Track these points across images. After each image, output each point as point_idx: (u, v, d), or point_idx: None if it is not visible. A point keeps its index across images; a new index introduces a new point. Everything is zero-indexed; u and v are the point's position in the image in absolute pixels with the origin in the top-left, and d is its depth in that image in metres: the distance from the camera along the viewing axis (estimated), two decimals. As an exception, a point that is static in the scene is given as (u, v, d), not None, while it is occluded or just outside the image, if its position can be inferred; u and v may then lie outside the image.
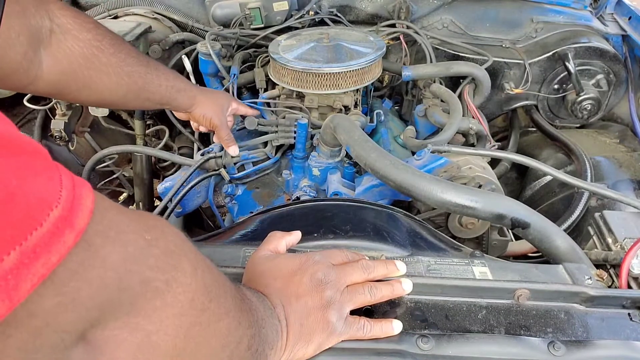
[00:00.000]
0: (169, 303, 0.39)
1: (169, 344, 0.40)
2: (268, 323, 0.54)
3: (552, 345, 0.59)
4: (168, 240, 0.41)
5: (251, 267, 0.64)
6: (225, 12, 1.44)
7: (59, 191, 0.30)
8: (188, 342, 0.42)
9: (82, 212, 0.31)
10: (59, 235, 0.29)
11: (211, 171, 1.21)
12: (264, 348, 0.52)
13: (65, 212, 0.30)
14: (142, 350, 0.38)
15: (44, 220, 0.28)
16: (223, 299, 0.47)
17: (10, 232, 0.27)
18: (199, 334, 0.43)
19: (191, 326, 0.42)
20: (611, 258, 0.80)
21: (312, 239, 0.74)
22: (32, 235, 0.28)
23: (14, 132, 0.29)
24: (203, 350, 0.44)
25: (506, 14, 1.53)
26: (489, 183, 1.02)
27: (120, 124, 1.56)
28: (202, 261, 0.46)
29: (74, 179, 0.32)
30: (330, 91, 1.19)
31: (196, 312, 0.43)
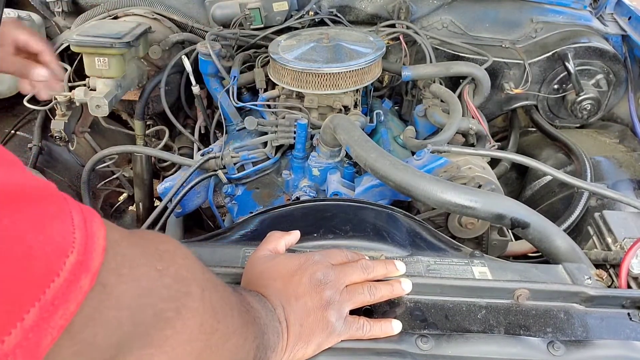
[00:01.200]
0: (179, 331, 0.39)
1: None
2: (270, 327, 0.54)
3: (551, 345, 0.59)
4: (179, 266, 0.41)
5: (250, 267, 0.64)
6: (225, 13, 1.44)
7: (72, 234, 0.29)
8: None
9: (95, 251, 0.30)
10: (75, 282, 0.28)
11: (211, 171, 1.22)
12: (265, 352, 0.52)
13: (81, 256, 0.29)
14: None
15: (61, 269, 0.28)
16: (230, 318, 0.47)
17: (29, 289, 0.26)
18: (211, 356, 0.43)
19: (202, 351, 0.42)
20: (611, 258, 0.80)
21: (311, 239, 0.74)
22: (50, 288, 0.27)
23: (26, 179, 0.28)
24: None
25: (506, 14, 1.52)
26: (488, 183, 1.02)
27: (120, 124, 1.57)
28: (209, 281, 0.45)
29: (84, 212, 0.31)
30: (330, 91, 1.19)
31: (205, 336, 0.42)
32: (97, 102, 1.17)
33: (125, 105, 1.49)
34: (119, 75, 1.22)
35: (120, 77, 1.23)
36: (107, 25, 1.28)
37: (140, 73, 1.34)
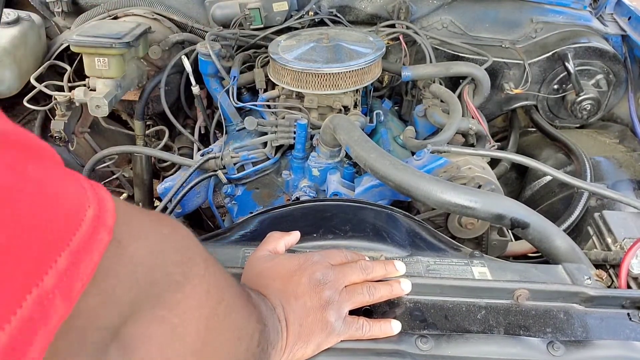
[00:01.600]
0: (188, 295, 0.40)
1: (193, 336, 0.41)
2: (270, 322, 0.54)
3: (551, 346, 0.59)
4: (182, 235, 0.42)
5: (250, 267, 0.64)
6: (225, 13, 1.44)
7: (85, 191, 0.31)
8: (209, 333, 0.43)
9: (108, 210, 0.32)
10: (96, 234, 0.30)
11: (211, 171, 1.22)
12: (267, 346, 0.52)
13: (97, 211, 0.30)
14: (170, 343, 0.39)
15: (82, 220, 0.29)
16: (233, 293, 0.48)
17: (59, 234, 0.27)
18: (218, 325, 0.44)
19: (210, 317, 0.43)
20: (611, 258, 0.80)
21: (311, 239, 0.74)
22: (75, 236, 0.28)
23: (34, 137, 0.29)
24: (223, 342, 0.45)
25: (506, 14, 1.52)
26: (488, 183, 1.02)
27: (120, 124, 1.57)
28: (209, 256, 0.47)
29: (93, 183, 0.33)
30: (329, 91, 1.19)
31: (213, 303, 0.43)
32: (97, 103, 1.17)
33: (125, 106, 1.49)
34: (118, 76, 1.22)
35: (120, 78, 1.23)
36: (107, 26, 1.28)
37: (140, 73, 1.34)
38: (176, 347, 0.39)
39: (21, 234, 0.25)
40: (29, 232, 0.25)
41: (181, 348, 0.40)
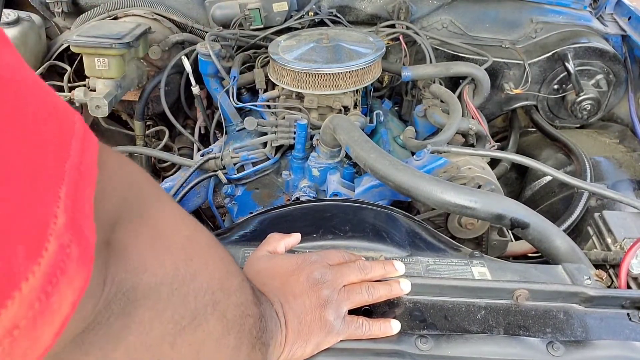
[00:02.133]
0: (164, 209, 0.43)
1: (179, 247, 0.42)
2: (267, 313, 0.54)
3: (551, 346, 0.59)
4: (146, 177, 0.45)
5: (249, 267, 0.64)
6: (225, 13, 1.44)
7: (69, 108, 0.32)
8: (194, 250, 0.43)
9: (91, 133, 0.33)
10: (87, 148, 0.30)
11: (211, 172, 1.22)
12: (266, 326, 0.52)
13: (82, 127, 0.31)
14: (158, 247, 0.40)
15: (73, 129, 0.30)
16: (211, 234, 0.50)
17: (66, 119, 0.29)
18: (202, 247, 0.45)
19: (191, 237, 0.44)
20: (610, 258, 0.80)
21: (311, 239, 0.74)
22: (72, 141, 0.29)
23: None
24: (211, 264, 0.45)
25: (506, 14, 1.52)
26: (488, 183, 1.02)
27: (120, 124, 1.57)
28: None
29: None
30: (329, 92, 1.19)
31: (190, 226, 0.45)
32: (96, 103, 1.17)
33: (125, 106, 1.49)
34: (118, 76, 1.22)
35: (120, 78, 1.23)
36: (107, 26, 1.28)
37: (140, 73, 1.34)
38: (165, 252, 0.40)
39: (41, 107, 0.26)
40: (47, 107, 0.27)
41: (169, 253, 0.40)
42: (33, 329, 0.23)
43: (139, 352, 0.37)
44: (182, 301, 0.40)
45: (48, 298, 0.23)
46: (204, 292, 0.43)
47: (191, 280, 0.41)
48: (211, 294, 0.44)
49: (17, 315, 0.22)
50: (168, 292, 0.39)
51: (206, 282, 0.43)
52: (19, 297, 0.22)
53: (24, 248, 0.23)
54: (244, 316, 0.48)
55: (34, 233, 0.23)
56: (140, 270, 0.37)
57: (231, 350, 0.46)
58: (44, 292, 0.23)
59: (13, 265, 0.22)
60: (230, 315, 0.46)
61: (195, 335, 0.42)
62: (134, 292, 0.36)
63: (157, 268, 0.38)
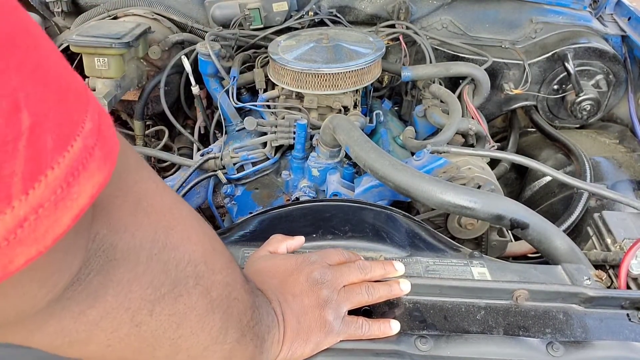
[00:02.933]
0: (144, 178, 0.42)
1: (158, 214, 0.42)
2: (263, 307, 0.54)
3: (550, 346, 0.59)
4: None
5: (249, 266, 0.64)
6: (225, 13, 1.44)
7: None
8: (176, 220, 0.43)
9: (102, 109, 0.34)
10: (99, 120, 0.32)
11: (210, 172, 1.22)
12: (261, 319, 0.52)
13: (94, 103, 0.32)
14: (138, 212, 0.40)
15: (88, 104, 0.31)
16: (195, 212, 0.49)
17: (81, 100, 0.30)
18: (185, 218, 0.45)
19: (172, 207, 0.44)
20: (610, 259, 0.80)
21: (311, 239, 0.74)
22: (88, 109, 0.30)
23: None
24: (194, 237, 0.45)
25: (506, 14, 1.52)
26: (488, 184, 1.02)
27: (120, 124, 1.56)
28: None
29: None
30: (329, 92, 1.19)
31: (171, 198, 0.45)
32: (96, 103, 1.17)
33: (124, 106, 1.49)
34: (118, 76, 1.22)
35: (119, 78, 1.23)
36: (106, 26, 1.28)
37: (140, 73, 1.34)
38: (144, 217, 0.40)
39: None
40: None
41: (148, 219, 0.40)
42: (54, 210, 0.27)
43: (117, 313, 0.38)
44: (162, 268, 0.41)
45: (69, 187, 0.27)
46: (186, 263, 0.43)
47: (172, 249, 0.42)
48: (194, 266, 0.43)
49: (42, 196, 0.26)
50: (147, 256, 0.39)
51: (188, 253, 0.43)
52: (45, 181, 0.26)
53: (53, 140, 0.26)
54: (231, 298, 0.48)
55: (64, 130, 0.27)
56: (119, 231, 0.37)
57: (216, 331, 0.46)
58: (66, 182, 0.27)
59: (42, 153, 0.26)
60: (215, 294, 0.45)
61: (175, 307, 0.42)
62: (113, 250, 0.36)
63: (135, 230, 0.39)
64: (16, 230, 0.25)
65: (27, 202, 0.25)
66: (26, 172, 0.25)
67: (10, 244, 0.25)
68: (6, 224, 0.24)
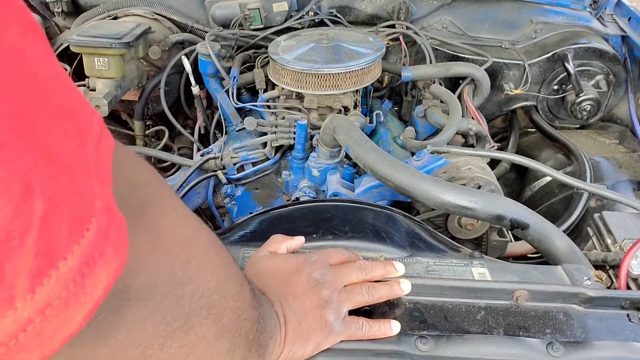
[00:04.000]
0: (166, 211, 0.42)
1: (177, 249, 0.41)
2: (267, 314, 0.54)
3: (550, 346, 0.59)
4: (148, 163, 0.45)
5: (249, 267, 0.64)
6: (225, 13, 1.44)
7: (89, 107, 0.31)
8: (194, 252, 0.43)
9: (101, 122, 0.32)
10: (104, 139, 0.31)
11: (210, 172, 1.22)
12: (264, 328, 0.52)
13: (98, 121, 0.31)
14: (156, 249, 0.39)
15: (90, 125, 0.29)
16: (213, 234, 0.49)
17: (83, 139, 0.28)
18: (202, 249, 0.45)
19: (192, 238, 0.44)
20: (610, 259, 0.80)
21: (311, 239, 0.74)
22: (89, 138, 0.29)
23: None
24: (209, 267, 0.45)
25: (506, 14, 1.52)
26: (488, 184, 1.02)
27: (120, 124, 1.56)
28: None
29: None
30: (329, 92, 1.19)
31: (192, 227, 0.45)
32: (96, 103, 1.17)
33: (124, 106, 1.49)
34: (118, 76, 1.22)
35: (119, 78, 1.23)
36: (106, 26, 1.28)
37: (140, 73, 1.34)
38: (162, 255, 0.39)
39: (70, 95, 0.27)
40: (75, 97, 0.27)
41: (167, 256, 0.40)
42: (65, 309, 0.23)
43: (127, 350, 0.37)
44: (176, 304, 0.40)
45: (83, 279, 0.24)
46: (200, 295, 0.43)
47: (187, 283, 0.41)
48: (207, 297, 0.43)
49: (51, 294, 0.22)
50: (162, 294, 0.39)
51: (203, 285, 0.43)
52: (56, 276, 0.22)
53: (68, 227, 0.23)
54: (240, 320, 0.48)
55: (79, 212, 0.24)
56: (135, 270, 0.36)
57: (224, 353, 0.46)
58: (80, 274, 0.23)
59: (55, 244, 0.22)
60: (225, 320, 0.45)
61: (186, 338, 0.41)
62: (126, 291, 0.35)
63: (152, 269, 0.38)
64: (18, 335, 0.21)
65: (33, 303, 0.21)
66: (35, 268, 0.21)
67: (10, 350, 0.21)
68: (6, 327, 0.21)
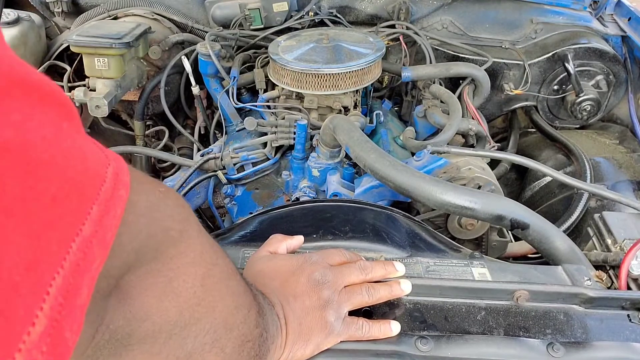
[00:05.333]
0: (183, 251, 0.41)
1: (189, 292, 0.41)
2: (268, 315, 0.54)
3: (551, 347, 0.59)
4: (175, 196, 0.44)
5: (249, 267, 0.64)
6: (225, 13, 1.44)
7: (102, 150, 0.31)
8: (205, 292, 0.43)
9: (124, 169, 0.32)
10: (117, 190, 0.31)
11: (210, 172, 1.22)
12: (267, 337, 0.52)
13: (116, 168, 0.31)
14: (167, 295, 0.39)
15: (105, 175, 0.30)
16: (227, 261, 0.49)
17: (91, 188, 0.28)
18: (214, 286, 0.45)
19: (205, 277, 0.43)
20: (610, 259, 0.80)
21: (311, 239, 0.74)
22: (101, 190, 0.29)
23: (67, 97, 0.30)
24: (220, 305, 0.45)
25: (506, 14, 1.53)
26: (488, 184, 1.02)
27: (120, 124, 1.56)
28: (200, 222, 0.47)
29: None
30: (329, 92, 1.19)
31: (207, 264, 0.44)
32: (96, 103, 1.17)
33: (125, 106, 1.49)
34: (118, 76, 1.22)
35: (119, 78, 1.23)
36: (106, 26, 1.28)
37: (140, 73, 1.34)
38: (172, 300, 0.40)
39: (63, 186, 0.26)
40: (69, 184, 0.26)
41: (177, 301, 0.40)
42: None
43: None
44: (180, 344, 0.41)
45: None
46: (205, 333, 0.43)
47: (194, 324, 0.42)
48: (213, 332, 0.44)
49: None
50: (166, 337, 0.39)
51: (210, 323, 0.43)
52: None
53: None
54: (243, 344, 0.48)
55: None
56: (140, 318, 0.37)
57: None
58: None
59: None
60: (229, 349, 0.46)
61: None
62: (128, 338, 0.36)
63: (158, 316, 0.38)
64: None
65: None
66: None
67: None
68: None
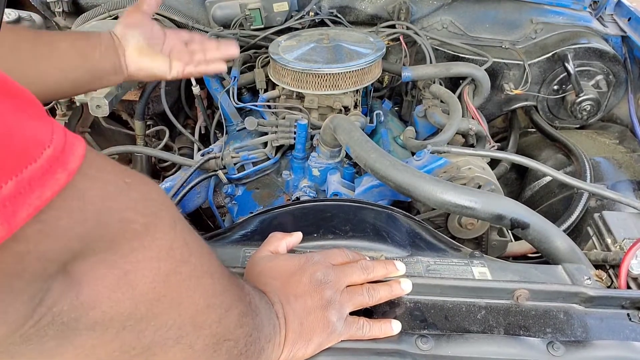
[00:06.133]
0: (146, 246, 0.40)
1: (147, 286, 0.41)
2: (264, 314, 0.54)
3: (551, 346, 0.59)
4: (148, 188, 0.42)
5: (250, 267, 0.64)
6: (226, 13, 1.44)
7: (51, 134, 0.32)
8: (168, 289, 0.42)
9: (74, 155, 0.33)
10: (52, 173, 0.31)
11: (211, 172, 1.22)
12: (259, 337, 0.52)
13: (58, 152, 0.31)
14: (120, 287, 0.39)
15: (38, 157, 0.30)
16: (206, 259, 0.48)
17: (7, 163, 0.29)
18: (180, 284, 0.44)
19: (170, 274, 0.42)
20: (610, 258, 0.80)
21: (311, 239, 0.74)
22: (27, 169, 0.29)
23: (11, 80, 0.30)
24: (186, 302, 0.44)
25: (506, 14, 1.53)
26: (488, 184, 1.02)
27: (121, 124, 1.57)
28: (182, 220, 0.46)
29: (67, 131, 0.34)
30: (330, 92, 1.19)
31: (175, 261, 0.43)
32: (97, 102, 1.17)
33: (125, 106, 1.49)
34: (119, 76, 1.22)
35: (120, 77, 1.22)
36: (107, 26, 1.28)
37: (141, 73, 1.33)
38: (126, 292, 0.39)
39: None
40: None
41: (132, 293, 0.40)
42: None
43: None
44: (137, 335, 0.40)
45: None
46: (168, 328, 0.42)
47: (152, 318, 0.41)
48: (177, 329, 0.43)
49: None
50: (118, 328, 0.39)
51: (173, 319, 0.43)
52: None
53: None
54: (219, 343, 0.47)
55: None
56: (88, 306, 0.36)
57: None
58: None
59: None
60: (199, 347, 0.45)
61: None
62: (75, 323, 0.36)
63: (109, 306, 0.38)
64: None
65: None
66: None
67: None
68: None
